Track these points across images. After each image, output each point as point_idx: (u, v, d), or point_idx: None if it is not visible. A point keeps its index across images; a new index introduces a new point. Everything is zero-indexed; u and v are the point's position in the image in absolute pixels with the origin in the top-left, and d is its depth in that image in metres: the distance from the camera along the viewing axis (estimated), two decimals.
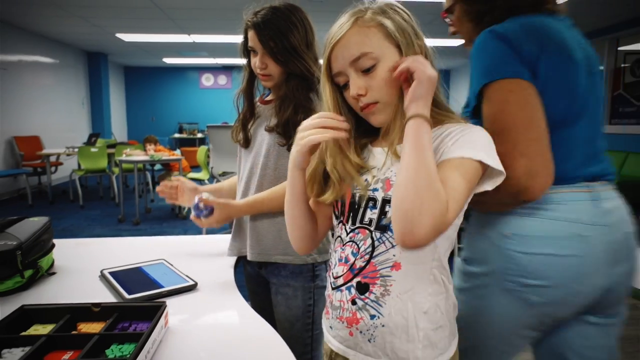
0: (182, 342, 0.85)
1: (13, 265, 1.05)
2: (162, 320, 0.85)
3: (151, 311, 0.87)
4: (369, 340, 0.79)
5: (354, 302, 0.80)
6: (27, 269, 1.08)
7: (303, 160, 0.80)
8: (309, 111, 1.16)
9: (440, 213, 0.66)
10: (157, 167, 6.76)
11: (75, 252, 1.39)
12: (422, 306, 0.77)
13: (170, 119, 11.89)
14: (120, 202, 5.49)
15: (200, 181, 5.89)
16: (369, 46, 0.75)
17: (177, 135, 11.25)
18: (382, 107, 0.78)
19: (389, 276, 0.77)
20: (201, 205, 1.16)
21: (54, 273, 1.19)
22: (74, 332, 0.84)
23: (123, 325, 0.87)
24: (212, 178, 4.22)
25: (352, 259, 0.80)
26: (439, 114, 0.80)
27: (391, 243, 0.77)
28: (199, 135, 11.11)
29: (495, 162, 0.74)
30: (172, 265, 1.23)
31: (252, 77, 1.27)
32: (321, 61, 0.84)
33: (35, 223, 1.20)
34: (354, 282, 0.80)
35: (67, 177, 6.70)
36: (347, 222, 0.82)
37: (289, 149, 1.17)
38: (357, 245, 0.80)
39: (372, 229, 0.78)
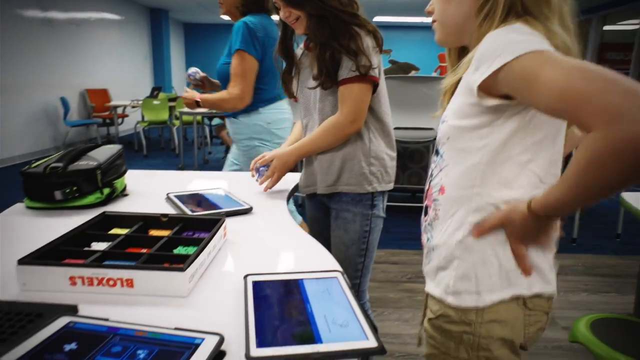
0: (238, 253, 0.94)
1: (94, 183, 1.19)
2: (221, 231, 0.94)
3: (212, 223, 0.97)
4: (429, 262, 0.84)
5: (422, 223, 0.87)
6: (105, 187, 1.22)
7: None
8: (336, 51, 1.20)
9: None
10: (215, 122, 7.00)
11: (144, 180, 1.53)
12: (459, 235, 0.77)
13: None
14: (180, 152, 5.80)
15: None
16: None
17: None
18: (437, 25, 0.81)
19: (437, 200, 0.80)
20: (262, 168, 1.37)
21: (126, 195, 1.33)
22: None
23: (187, 234, 0.97)
24: None
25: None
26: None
27: (441, 167, 0.80)
28: None
29: None
30: (230, 192, 1.33)
31: (285, 33, 1.34)
32: None
33: (110, 149, 1.32)
34: (425, 204, 0.86)
35: (132, 128, 7.13)
36: None
37: (324, 88, 1.25)
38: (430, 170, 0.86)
39: (434, 151, 0.84)
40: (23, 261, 0.74)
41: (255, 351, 0.56)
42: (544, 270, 0.76)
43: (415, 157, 3.78)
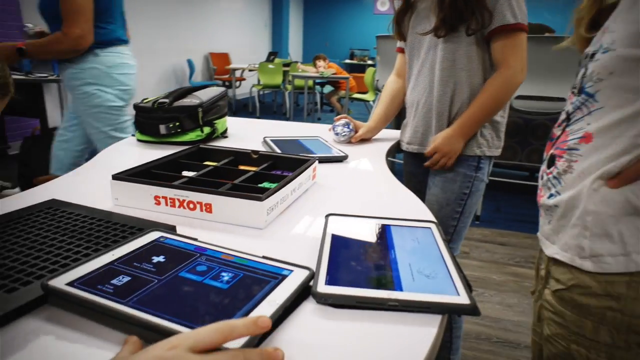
0: (326, 196, 0.87)
1: (195, 120, 1.21)
2: (309, 171, 0.88)
3: (301, 163, 0.92)
4: (549, 222, 0.70)
5: (542, 177, 0.72)
6: (206, 126, 1.24)
7: None
8: (458, 1, 1.07)
9: None
10: (326, 89, 7.04)
11: (246, 126, 1.54)
12: (595, 184, 0.61)
13: (342, 45, 12.09)
14: (290, 116, 5.95)
15: (365, 102, 5.97)
16: None
17: (347, 60, 11.43)
18: None
19: (576, 149, 0.64)
20: (338, 127, 1.34)
21: (226, 136, 1.35)
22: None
23: (276, 172, 0.93)
24: (377, 91, 4.20)
25: (556, 128, 0.72)
26: None
27: (588, 109, 0.63)
28: (369, 62, 11.08)
29: None
30: (326, 141, 1.27)
31: None
32: None
33: (214, 90, 1.34)
34: (549, 153, 0.71)
35: (248, 92, 7.49)
36: None
37: (437, 35, 1.14)
38: (564, 114, 0.70)
39: (576, 91, 0.67)
40: (116, 177, 0.76)
41: (323, 288, 0.49)
42: None
43: (538, 132, 3.36)
